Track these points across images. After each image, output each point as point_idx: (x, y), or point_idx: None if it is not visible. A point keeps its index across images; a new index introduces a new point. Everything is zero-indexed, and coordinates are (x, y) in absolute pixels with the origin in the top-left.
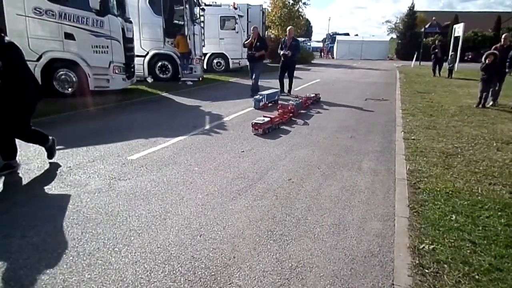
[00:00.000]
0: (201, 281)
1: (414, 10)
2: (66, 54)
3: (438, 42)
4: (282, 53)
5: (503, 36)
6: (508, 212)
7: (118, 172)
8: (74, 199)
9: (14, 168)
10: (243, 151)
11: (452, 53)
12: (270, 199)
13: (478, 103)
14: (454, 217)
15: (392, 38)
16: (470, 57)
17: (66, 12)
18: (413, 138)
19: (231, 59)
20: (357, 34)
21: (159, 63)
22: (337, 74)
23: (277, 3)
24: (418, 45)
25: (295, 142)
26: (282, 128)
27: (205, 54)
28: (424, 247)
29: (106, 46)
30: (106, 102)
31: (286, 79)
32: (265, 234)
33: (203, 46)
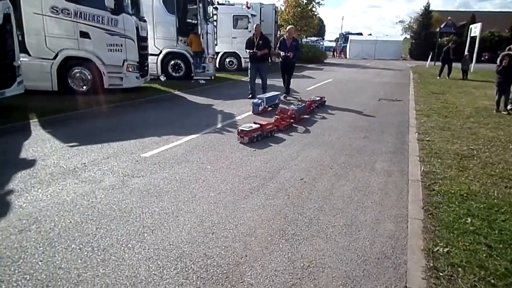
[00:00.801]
0: (213, 278)
1: (429, 9)
2: (81, 52)
3: (452, 44)
4: (283, 54)
5: None
6: None
7: (131, 169)
8: (88, 195)
9: None
10: (255, 150)
11: (466, 53)
12: (282, 199)
13: (497, 109)
14: (469, 220)
15: (406, 38)
16: (486, 57)
17: (82, 11)
18: (427, 139)
19: (244, 58)
20: (370, 34)
21: (172, 62)
22: (350, 74)
23: (290, 2)
24: (432, 45)
25: (307, 142)
26: (284, 132)
27: (217, 53)
28: (438, 250)
29: (120, 45)
30: (120, 100)
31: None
32: (277, 233)
33: (216, 45)
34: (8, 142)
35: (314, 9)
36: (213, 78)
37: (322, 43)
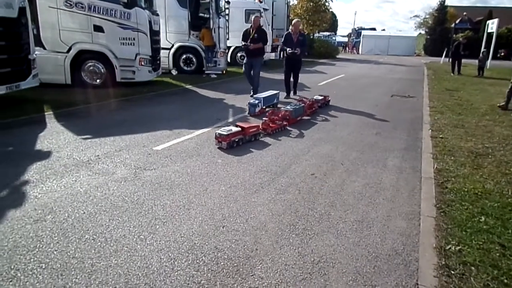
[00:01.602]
0: (223, 271)
1: (445, 4)
2: (95, 46)
3: (464, 40)
4: (289, 51)
5: None
6: None
7: (143, 162)
8: (102, 187)
9: None
10: (266, 146)
11: (484, 49)
12: (292, 194)
13: (506, 107)
14: (483, 218)
15: (420, 33)
16: (503, 54)
17: (95, 4)
18: (441, 136)
19: None
20: (384, 29)
21: (184, 56)
22: (362, 69)
23: None
24: (447, 41)
25: (318, 137)
26: (282, 133)
27: (229, 47)
28: (450, 248)
29: (133, 38)
30: (132, 94)
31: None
32: (287, 228)
33: (228, 39)
34: (24, 134)
35: (327, 3)
36: (224, 72)
37: (334, 38)
